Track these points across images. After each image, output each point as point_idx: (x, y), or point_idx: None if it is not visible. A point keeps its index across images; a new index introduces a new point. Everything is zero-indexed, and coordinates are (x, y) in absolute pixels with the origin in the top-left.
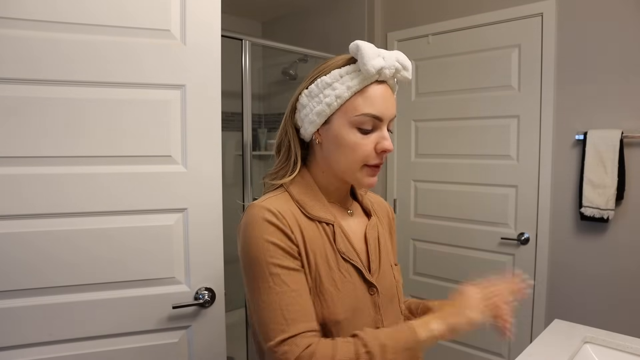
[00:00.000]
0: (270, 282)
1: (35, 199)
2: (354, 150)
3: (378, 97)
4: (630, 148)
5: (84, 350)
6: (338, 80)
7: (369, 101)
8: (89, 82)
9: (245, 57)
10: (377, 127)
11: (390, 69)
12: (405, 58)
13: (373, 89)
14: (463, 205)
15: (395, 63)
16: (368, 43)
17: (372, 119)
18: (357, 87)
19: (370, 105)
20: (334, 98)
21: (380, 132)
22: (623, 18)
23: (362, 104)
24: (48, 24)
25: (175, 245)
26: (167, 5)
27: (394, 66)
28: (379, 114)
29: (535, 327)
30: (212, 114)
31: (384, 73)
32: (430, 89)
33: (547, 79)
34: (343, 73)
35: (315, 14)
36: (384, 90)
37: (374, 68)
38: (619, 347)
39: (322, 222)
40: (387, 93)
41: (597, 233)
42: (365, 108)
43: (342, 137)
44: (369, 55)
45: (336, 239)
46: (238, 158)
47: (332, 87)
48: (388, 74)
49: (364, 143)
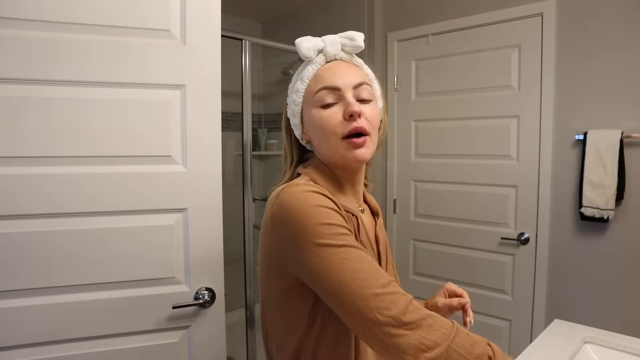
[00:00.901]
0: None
1: (35, 199)
2: (323, 125)
3: (327, 71)
4: (630, 148)
5: (84, 350)
6: (296, 80)
7: (319, 78)
8: (88, 82)
9: (245, 57)
10: (340, 97)
11: (333, 46)
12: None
13: (322, 68)
14: (463, 205)
15: (337, 39)
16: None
17: (329, 91)
18: (309, 74)
19: (321, 81)
20: (295, 94)
21: (344, 100)
22: (623, 18)
23: (315, 84)
24: (48, 24)
25: (175, 245)
26: (167, 5)
27: (337, 41)
28: (331, 83)
29: (535, 327)
30: (212, 114)
31: (327, 52)
32: (430, 89)
33: (547, 79)
34: (298, 72)
35: (315, 14)
36: (335, 64)
37: (308, 50)
38: (619, 347)
39: (349, 212)
40: (339, 65)
41: (597, 233)
42: (317, 85)
43: (312, 121)
44: (301, 42)
45: (360, 232)
46: (238, 158)
47: (294, 87)
48: (332, 51)
49: (329, 115)
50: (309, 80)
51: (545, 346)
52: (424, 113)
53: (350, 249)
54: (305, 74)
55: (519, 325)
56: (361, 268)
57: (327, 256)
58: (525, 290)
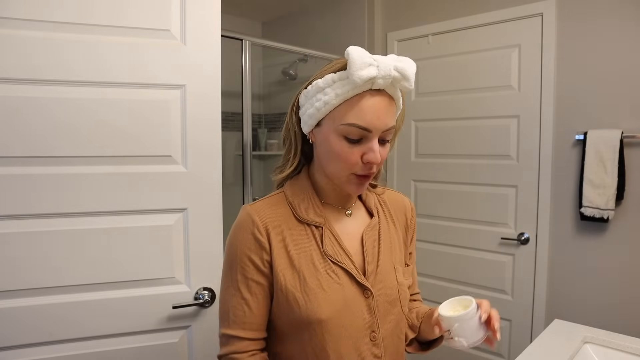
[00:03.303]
0: (234, 285)
1: (35, 199)
2: (340, 158)
3: (367, 108)
4: (630, 148)
5: (84, 350)
6: (330, 85)
7: (357, 111)
8: (89, 82)
9: (245, 57)
10: (365, 137)
11: (385, 79)
12: (407, 66)
13: (364, 99)
14: (463, 205)
15: (392, 72)
16: (361, 50)
17: (359, 130)
18: (346, 95)
19: (357, 116)
20: (323, 104)
21: (369, 144)
22: (623, 18)
23: (349, 114)
24: (48, 24)
25: (175, 245)
26: (167, 5)
27: (390, 76)
28: (366, 125)
29: (535, 327)
30: (212, 114)
31: (377, 83)
32: (430, 89)
33: (547, 79)
34: (336, 79)
35: (315, 14)
36: (377, 101)
37: (361, 79)
38: (619, 347)
39: (310, 224)
40: (381, 104)
41: (597, 233)
42: (352, 118)
43: (329, 143)
44: (357, 64)
45: (324, 242)
46: (238, 158)
47: (324, 92)
48: (382, 84)
49: (350, 152)
50: (344, 99)
51: (545, 346)
52: (424, 113)
53: (233, 293)
54: (343, 91)
55: (519, 325)
56: (225, 311)
57: (222, 281)
58: (525, 290)
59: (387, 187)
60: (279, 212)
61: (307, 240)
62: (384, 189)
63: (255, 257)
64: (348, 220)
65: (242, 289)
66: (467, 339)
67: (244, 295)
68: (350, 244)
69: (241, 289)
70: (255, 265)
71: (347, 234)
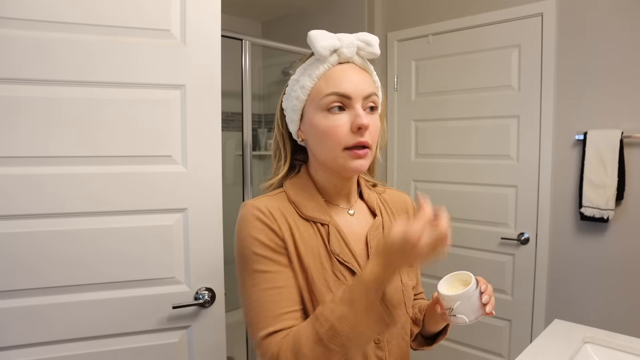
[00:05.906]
0: (255, 279)
1: (35, 199)
2: (328, 134)
3: (340, 76)
4: (630, 148)
5: (84, 350)
6: (303, 74)
7: (331, 81)
8: (89, 82)
9: (245, 57)
10: (348, 106)
11: (349, 48)
12: (369, 34)
13: (335, 70)
14: (463, 205)
15: (354, 41)
16: (321, 30)
17: (339, 97)
18: (318, 73)
19: (333, 84)
20: (300, 89)
21: (353, 110)
22: (623, 18)
23: (325, 86)
24: (48, 24)
25: (175, 245)
26: (167, 5)
27: (353, 44)
28: (343, 90)
29: (535, 327)
30: (212, 114)
31: (342, 53)
32: (430, 89)
33: (547, 79)
34: (306, 66)
35: (315, 14)
36: (348, 69)
37: (324, 48)
38: (619, 347)
39: (316, 222)
40: (353, 71)
41: (597, 233)
42: (328, 88)
43: (315, 125)
44: (318, 38)
45: (330, 240)
46: (238, 158)
47: (299, 81)
48: (347, 53)
49: (336, 124)
50: (318, 79)
51: (545, 346)
52: (424, 113)
53: (262, 288)
54: (315, 72)
55: (519, 325)
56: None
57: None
58: (525, 290)
59: (387, 186)
60: (283, 207)
61: (314, 237)
62: (384, 188)
63: (264, 238)
64: (351, 219)
65: (271, 279)
66: (469, 316)
67: (275, 285)
68: (355, 244)
69: (270, 279)
70: (272, 249)
71: (352, 234)
